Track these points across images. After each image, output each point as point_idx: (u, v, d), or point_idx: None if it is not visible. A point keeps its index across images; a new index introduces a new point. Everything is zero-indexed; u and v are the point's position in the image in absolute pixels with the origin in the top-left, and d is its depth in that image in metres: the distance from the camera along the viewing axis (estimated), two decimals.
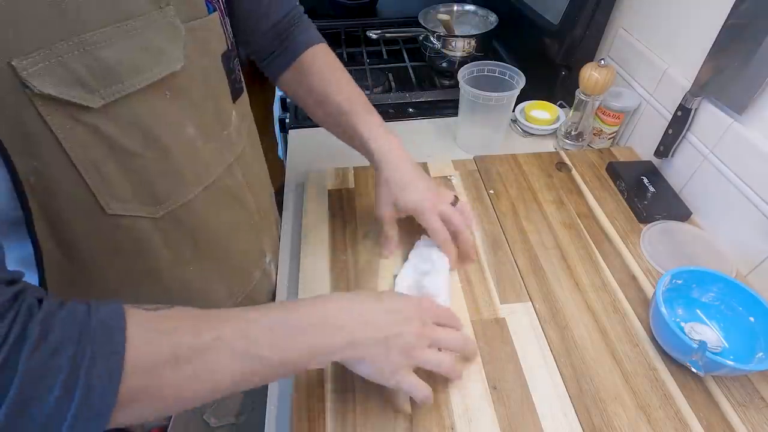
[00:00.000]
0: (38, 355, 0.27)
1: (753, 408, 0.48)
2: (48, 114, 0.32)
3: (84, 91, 0.33)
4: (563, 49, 0.88)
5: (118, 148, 0.36)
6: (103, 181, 0.36)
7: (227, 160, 0.48)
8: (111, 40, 0.33)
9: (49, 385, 0.28)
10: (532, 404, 0.48)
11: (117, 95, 0.34)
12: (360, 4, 1.31)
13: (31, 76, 0.30)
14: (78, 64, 0.32)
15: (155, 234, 0.42)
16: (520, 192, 0.73)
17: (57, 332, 0.28)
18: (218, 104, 0.46)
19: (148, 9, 0.35)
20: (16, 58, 0.29)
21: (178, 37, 0.38)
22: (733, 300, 0.54)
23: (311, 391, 0.49)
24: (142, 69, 0.35)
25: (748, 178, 0.60)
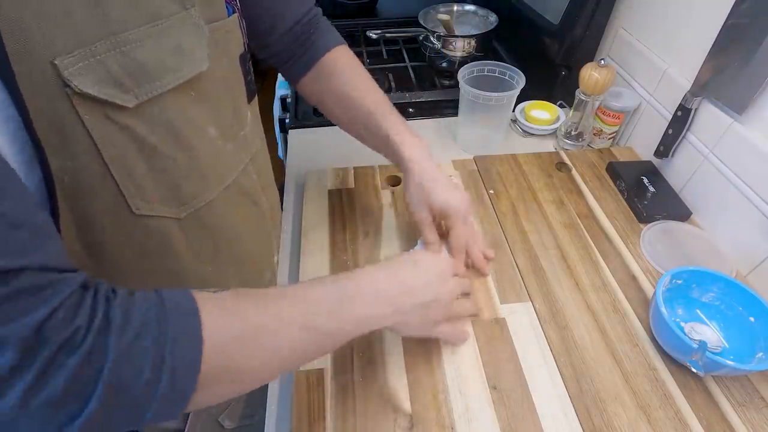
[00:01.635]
0: (126, 339, 0.28)
1: (753, 408, 0.48)
2: (85, 113, 0.32)
3: (120, 91, 0.33)
4: (563, 49, 0.88)
5: (148, 148, 0.37)
6: (133, 181, 0.37)
7: (244, 161, 0.48)
8: (144, 40, 0.33)
9: (138, 368, 0.28)
10: (532, 404, 0.48)
11: (149, 95, 0.35)
12: (360, 4, 1.31)
13: (72, 75, 0.30)
14: (115, 64, 0.32)
15: (178, 234, 0.42)
16: (520, 192, 0.73)
17: (138, 316, 0.29)
18: (236, 105, 0.47)
19: (176, 10, 0.36)
20: (58, 57, 0.30)
21: (203, 38, 0.39)
22: (733, 300, 0.54)
23: (311, 391, 0.49)
24: (172, 69, 0.36)
25: (748, 178, 0.60)
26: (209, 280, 0.47)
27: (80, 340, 0.27)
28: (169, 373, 0.29)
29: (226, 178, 0.45)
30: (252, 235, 0.53)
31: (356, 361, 0.52)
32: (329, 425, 0.46)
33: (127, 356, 0.28)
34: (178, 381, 0.30)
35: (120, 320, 0.28)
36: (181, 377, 0.30)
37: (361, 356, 0.52)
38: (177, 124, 0.38)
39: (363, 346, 0.53)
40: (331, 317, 0.39)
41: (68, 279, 0.28)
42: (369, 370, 0.51)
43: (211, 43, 0.40)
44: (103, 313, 0.28)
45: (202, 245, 0.45)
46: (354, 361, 0.52)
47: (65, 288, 0.27)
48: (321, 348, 0.41)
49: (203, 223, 0.44)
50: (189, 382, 0.30)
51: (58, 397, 0.26)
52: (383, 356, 0.52)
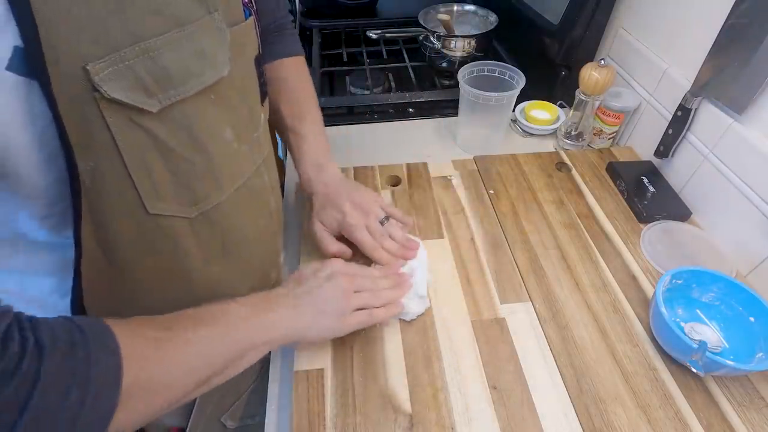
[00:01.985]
0: (55, 361, 0.28)
1: (753, 408, 0.48)
2: (110, 117, 0.33)
3: (145, 96, 0.33)
4: (563, 49, 0.88)
5: (167, 150, 0.37)
6: (150, 182, 0.37)
7: (257, 162, 0.49)
8: (171, 45, 0.34)
9: (66, 389, 0.28)
10: (532, 404, 0.48)
11: (173, 99, 0.35)
12: (360, 4, 1.30)
13: (102, 80, 0.31)
14: (142, 69, 0.33)
15: (189, 233, 0.43)
16: (520, 192, 0.73)
17: (63, 338, 0.29)
18: (251, 107, 0.47)
19: (200, 15, 0.36)
20: (90, 63, 0.30)
21: (225, 42, 0.39)
22: (733, 300, 0.54)
23: (311, 391, 0.49)
24: (195, 74, 0.36)
25: (748, 178, 0.60)
26: (218, 280, 0.47)
27: (13, 370, 0.26)
28: (93, 392, 0.29)
29: (238, 179, 0.46)
30: (260, 236, 0.53)
31: (356, 361, 0.52)
32: (329, 425, 0.46)
33: (56, 378, 0.28)
34: (102, 399, 0.30)
35: (49, 344, 0.28)
36: (104, 395, 0.30)
37: (361, 356, 0.52)
38: (196, 128, 0.39)
39: (363, 345, 0.53)
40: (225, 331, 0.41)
41: None
42: (369, 369, 0.51)
43: (231, 47, 0.40)
44: (34, 339, 0.28)
45: (211, 244, 0.45)
46: (354, 360, 0.52)
47: None
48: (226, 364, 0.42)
49: (213, 223, 0.44)
50: (112, 398, 0.31)
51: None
52: (383, 356, 0.52)
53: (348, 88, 1.03)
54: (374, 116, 0.94)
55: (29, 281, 0.41)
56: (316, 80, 1.01)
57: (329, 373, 0.51)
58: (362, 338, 0.54)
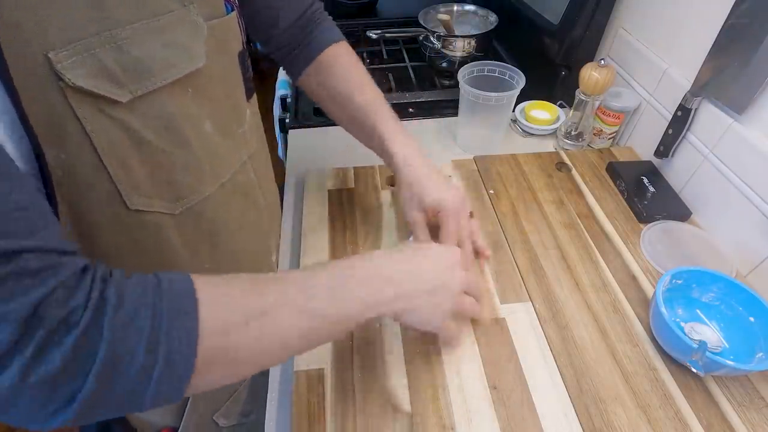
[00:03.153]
0: (120, 319, 0.28)
1: (753, 408, 0.48)
2: (78, 107, 0.33)
3: (113, 85, 0.33)
4: (563, 49, 0.88)
5: (143, 142, 0.37)
6: (127, 175, 0.37)
7: (242, 158, 0.49)
8: (140, 36, 0.34)
9: (133, 347, 0.28)
10: (532, 404, 0.48)
11: (144, 90, 0.35)
12: (360, 4, 1.31)
13: (65, 68, 0.31)
14: (109, 59, 0.32)
15: (174, 230, 0.42)
16: (520, 192, 0.73)
17: (133, 296, 0.29)
18: (234, 102, 0.47)
19: (174, 7, 0.36)
20: (52, 51, 0.30)
21: (200, 35, 0.39)
22: (733, 300, 0.54)
23: (311, 391, 0.49)
24: (168, 65, 0.36)
25: (748, 178, 0.60)
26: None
27: (77, 320, 0.27)
28: (164, 355, 0.29)
29: (222, 174, 0.45)
30: (248, 233, 0.53)
31: (356, 361, 0.52)
32: (329, 425, 0.46)
33: (121, 337, 0.28)
34: (175, 364, 0.29)
35: (114, 301, 0.28)
36: (177, 360, 0.30)
37: (361, 356, 0.52)
38: (172, 120, 0.38)
39: (363, 345, 0.53)
40: (331, 300, 0.38)
41: (67, 262, 0.28)
42: (369, 369, 0.51)
43: (209, 40, 0.40)
44: (99, 293, 0.28)
45: (197, 241, 0.45)
46: (354, 360, 0.52)
47: (64, 270, 0.28)
48: (321, 332, 0.39)
49: (198, 219, 0.44)
50: (186, 365, 0.30)
51: (56, 375, 0.26)
52: (383, 356, 0.52)
53: None
54: None
55: None
56: None
57: (329, 373, 0.51)
58: (362, 338, 0.54)
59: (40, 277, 0.26)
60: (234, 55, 0.46)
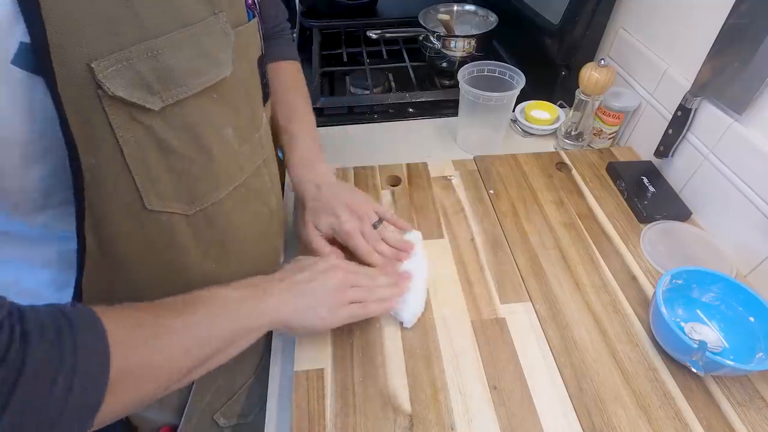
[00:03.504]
0: (43, 349, 0.28)
1: (753, 408, 0.48)
2: (112, 114, 0.33)
3: (147, 94, 0.34)
4: (563, 49, 0.88)
5: (168, 148, 0.37)
6: (150, 180, 0.38)
7: (257, 162, 0.49)
8: (174, 45, 0.34)
9: (53, 377, 0.28)
10: (532, 404, 0.48)
11: (175, 98, 0.36)
12: (360, 4, 1.30)
13: (105, 77, 0.31)
14: (146, 68, 0.33)
15: (187, 231, 0.43)
16: (520, 192, 0.73)
17: (51, 326, 0.30)
18: (253, 107, 0.47)
19: (205, 15, 0.36)
20: (95, 61, 0.31)
21: (228, 43, 0.39)
22: (733, 300, 0.54)
23: (311, 391, 0.49)
24: (198, 74, 0.37)
25: (748, 178, 0.60)
26: (215, 276, 0.47)
27: (2, 355, 0.27)
28: (80, 380, 0.29)
29: (237, 178, 0.46)
30: (259, 235, 0.53)
31: (356, 361, 0.52)
32: (329, 425, 0.47)
33: (43, 366, 0.28)
34: (90, 387, 0.30)
35: (37, 332, 0.29)
36: (93, 382, 0.30)
37: (361, 356, 0.52)
38: (197, 126, 0.39)
39: (363, 345, 0.53)
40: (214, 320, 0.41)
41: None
42: (369, 369, 0.51)
43: (234, 48, 0.40)
44: (21, 328, 0.28)
45: (209, 242, 0.46)
46: (354, 360, 0.52)
47: None
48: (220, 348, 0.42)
49: (211, 220, 0.44)
50: (101, 385, 0.31)
51: None
52: (383, 356, 0.52)
53: (348, 88, 1.03)
54: (374, 116, 0.94)
55: (24, 273, 0.41)
56: (316, 80, 1.01)
57: (329, 373, 0.51)
58: (362, 338, 0.54)
59: None
60: (254, 61, 0.47)
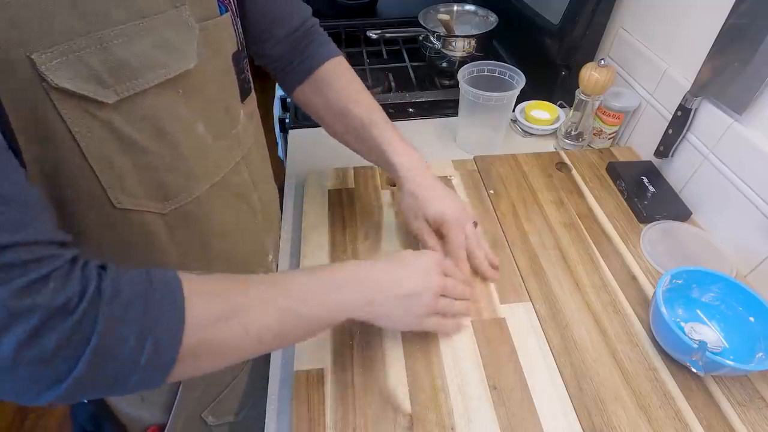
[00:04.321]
0: (114, 311, 0.30)
1: (753, 408, 0.48)
2: (63, 108, 0.33)
3: (99, 87, 0.33)
4: (563, 49, 0.88)
5: (131, 143, 0.37)
6: (114, 175, 0.37)
7: (235, 158, 0.49)
8: (128, 37, 0.34)
9: (124, 338, 0.30)
10: (532, 404, 0.48)
11: (131, 91, 0.35)
12: (360, 4, 1.30)
13: (48, 70, 0.30)
14: (95, 60, 0.32)
15: (163, 230, 0.42)
16: (520, 192, 0.73)
17: (126, 291, 0.31)
18: (228, 103, 0.47)
19: (164, 8, 0.36)
20: (36, 52, 0.30)
21: (192, 36, 0.39)
22: (733, 300, 0.54)
23: (311, 391, 0.49)
24: (156, 66, 0.36)
25: (748, 178, 0.60)
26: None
27: (72, 309, 0.29)
28: (152, 345, 0.31)
29: (214, 175, 0.45)
30: (241, 233, 0.52)
31: (356, 361, 0.52)
32: (329, 425, 0.46)
33: (114, 327, 0.30)
34: (161, 353, 0.32)
35: (110, 294, 0.30)
36: (163, 350, 0.32)
37: (361, 356, 0.52)
38: (161, 121, 0.38)
39: (363, 345, 0.53)
40: (306, 301, 0.40)
41: (57, 254, 0.29)
42: (369, 369, 0.51)
43: (202, 42, 0.40)
44: (95, 285, 0.30)
45: (187, 241, 0.45)
46: (354, 360, 0.52)
47: (54, 261, 0.29)
48: (298, 330, 0.42)
49: (189, 219, 0.44)
50: (170, 355, 0.32)
51: (49, 357, 0.28)
52: (383, 356, 0.52)
53: None
54: None
55: None
56: None
57: (329, 373, 0.51)
58: (362, 338, 0.54)
59: (28, 268, 0.28)
60: (228, 56, 0.46)
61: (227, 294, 0.37)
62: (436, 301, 0.49)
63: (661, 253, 0.63)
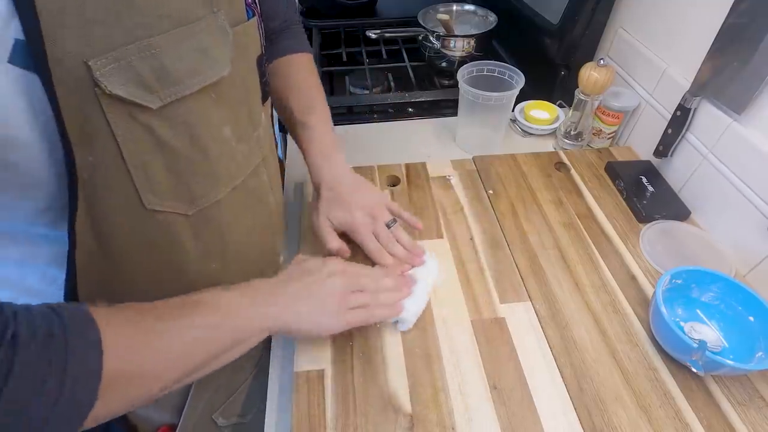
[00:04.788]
0: (31, 352, 0.29)
1: (753, 408, 0.48)
2: (110, 113, 0.33)
3: (146, 93, 0.34)
4: (563, 49, 0.88)
5: (166, 147, 0.37)
6: (147, 178, 0.38)
7: (255, 161, 0.49)
8: (173, 44, 0.34)
9: (42, 380, 0.29)
10: (532, 404, 0.48)
11: (173, 97, 0.36)
12: (359, 4, 1.30)
13: (103, 76, 0.31)
14: (144, 67, 0.33)
15: (186, 230, 0.43)
16: (519, 192, 0.73)
17: (42, 329, 0.30)
18: (251, 106, 0.47)
19: (203, 14, 0.36)
20: (93, 59, 0.31)
21: (227, 42, 0.39)
22: (732, 299, 0.54)
23: (311, 391, 0.49)
24: (197, 72, 0.37)
25: (747, 178, 0.60)
26: (214, 277, 0.48)
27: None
28: (70, 383, 0.30)
29: (236, 177, 0.46)
30: (259, 235, 0.53)
31: (356, 362, 0.52)
32: (329, 425, 0.46)
33: (31, 369, 0.28)
34: (80, 390, 0.31)
35: (26, 336, 0.29)
36: (83, 386, 0.31)
37: (361, 356, 0.52)
38: (195, 125, 0.39)
39: (363, 346, 0.53)
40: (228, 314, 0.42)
41: None
42: (369, 370, 0.51)
43: (232, 47, 0.40)
44: (12, 330, 0.28)
45: (208, 242, 0.46)
46: (354, 361, 0.52)
47: None
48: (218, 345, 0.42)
49: (211, 221, 0.44)
50: (91, 389, 0.31)
51: None
52: (383, 356, 0.52)
53: (347, 87, 1.03)
54: (374, 116, 0.94)
55: (28, 271, 0.41)
56: None
57: (329, 374, 0.51)
58: (362, 339, 0.54)
59: None
60: (253, 60, 0.46)
61: (140, 321, 0.37)
62: (349, 297, 0.51)
63: (660, 252, 0.63)
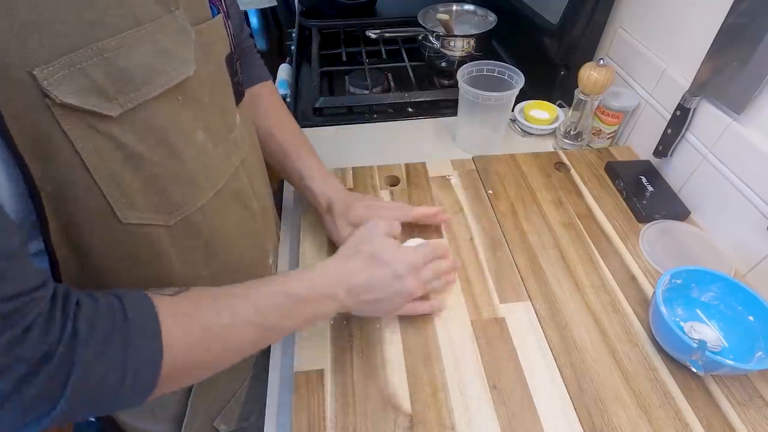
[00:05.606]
0: (91, 349, 0.31)
1: (753, 408, 0.48)
2: (67, 123, 0.31)
3: (103, 100, 0.32)
4: (562, 49, 0.88)
5: (135, 156, 0.36)
6: (119, 190, 0.36)
7: (234, 164, 0.48)
8: (128, 46, 0.33)
9: (103, 373, 0.31)
10: (532, 404, 0.48)
11: (134, 102, 0.34)
12: (359, 4, 1.30)
13: (51, 85, 0.29)
14: (98, 72, 0.31)
15: (168, 241, 0.42)
16: (519, 192, 0.73)
17: (102, 327, 0.32)
18: (224, 108, 0.46)
19: (159, 13, 0.35)
20: (37, 68, 0.28)
21: (189, 41, 0.38)
22: (732, 299, 0.54)
23: (311, 391, 0.49)
24: (157, 75, 0.35)
25: (747, 178, 0.60)
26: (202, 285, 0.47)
27: (51, 354, 0.29)
28: (131, 374, 0.32)
29: (217, 182, 0.45)
30: (244, 239, 0.52)
31: (356, 361, 0.52)
32: (329, 425, 0.46)
33: (93, 364, 0.31)
34: (140, 381, 0.33)
35: (85, 333, 0.31)
36: (142, 378, 0.33)
37: (361, 356, 0.52)
38: (164, 131, 0.37)
39: (363, 346, 0.53)
40: (281, 317, 0.43)
41: (38, 297, 0.30)
42: (369, 370, 0.51)
43: (197, 46, 0.39)
44: (72, 327, 0.30)
45: (193, 251, 0.45)
46: (354, 361, 0.52)
47: (36, 307, 0.29)
48: (270, 340, 0.46)
49: (193, 229, 0.43)
50: (149, 381, 0.34)
51: (31, 403, 0.29)
52: (383, 356, 0.52)
53: (347, 87, 1.03)
54: (373, 116, 0.94)
55: None
56: (315, 80, 1.01)
57: (329, 374, 0.51)
58: (362, 338, 0.54)
59: (13, 321, 0.28)
60: (221, 59, 0.45)
61: (202, 314, 0.38)
62: (409, 305, 0.53)
63: (660, 252, 0.63)
